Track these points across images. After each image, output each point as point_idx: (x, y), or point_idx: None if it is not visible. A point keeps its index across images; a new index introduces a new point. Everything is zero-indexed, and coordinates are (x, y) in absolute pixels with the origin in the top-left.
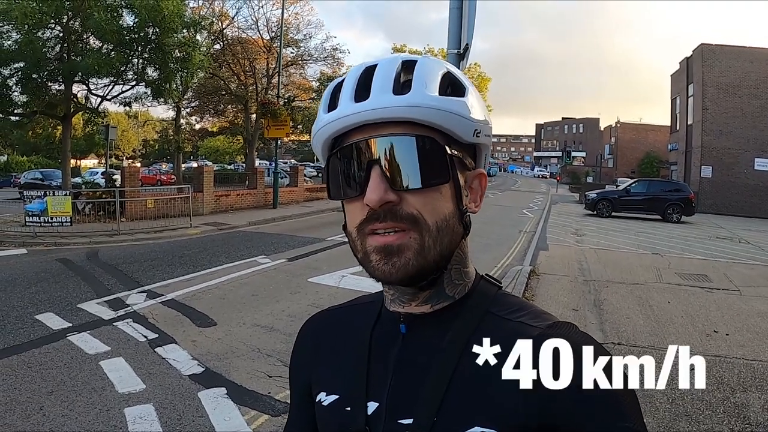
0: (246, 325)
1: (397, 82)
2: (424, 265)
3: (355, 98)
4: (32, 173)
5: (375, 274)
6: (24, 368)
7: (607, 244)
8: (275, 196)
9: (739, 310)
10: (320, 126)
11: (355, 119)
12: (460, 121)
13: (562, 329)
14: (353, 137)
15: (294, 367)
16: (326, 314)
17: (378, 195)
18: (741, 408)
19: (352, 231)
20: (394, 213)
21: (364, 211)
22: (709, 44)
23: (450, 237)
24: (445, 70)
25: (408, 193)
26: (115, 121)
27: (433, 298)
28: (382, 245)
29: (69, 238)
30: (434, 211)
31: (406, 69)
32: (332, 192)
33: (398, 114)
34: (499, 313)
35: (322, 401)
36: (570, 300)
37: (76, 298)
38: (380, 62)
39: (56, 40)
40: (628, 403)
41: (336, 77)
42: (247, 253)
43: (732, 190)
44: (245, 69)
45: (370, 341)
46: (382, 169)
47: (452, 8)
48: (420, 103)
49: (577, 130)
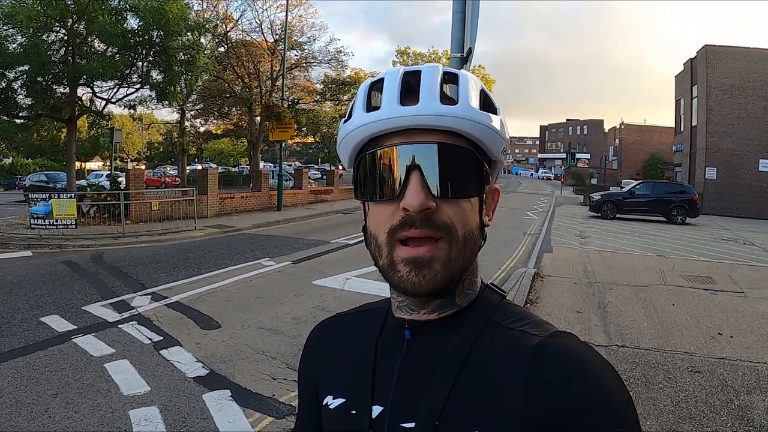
0: (250, 327)
1: (443, 92)
2: (450, 276)
3: (400, 101)
4: (37, 176)
5: (401, 285)
6: (29, 370)
7: (612, 246)
8: (279, 198)
9: (744, 313)
10: (359, 124)
11: (403, 122)
12: (495, 137)
13: (563, 338)
14: (392, 140)
15: (302, 370)
16: (334, 320)
17: (419, 200)
18: (745, 410)
19: (379, 235)
20: (431, 221)
21: (397, 216)
22: (713, 45)
23: (472, 249)
24: (481, 86)
25: (444, 201)
26: (119, 123)
27: (442, 307)
28: (412, 257)
29: (74, 240)
30: (464, 222)
31: (448, 80)
32: (362, 192)
33: (445, 123)
34: (502, 322)
35: (328, 404)
36: (574, 302)
37: (81, 301)
38: (423, 69)
39: (61, 43)
40: (625, 410)
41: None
42: (252, 255)
43: (736, 192)
44: (249, 71)
45: (376, 347)
46: (423, 175)
47: (455, 12)
48: (467, 115)
49: (582, 131)
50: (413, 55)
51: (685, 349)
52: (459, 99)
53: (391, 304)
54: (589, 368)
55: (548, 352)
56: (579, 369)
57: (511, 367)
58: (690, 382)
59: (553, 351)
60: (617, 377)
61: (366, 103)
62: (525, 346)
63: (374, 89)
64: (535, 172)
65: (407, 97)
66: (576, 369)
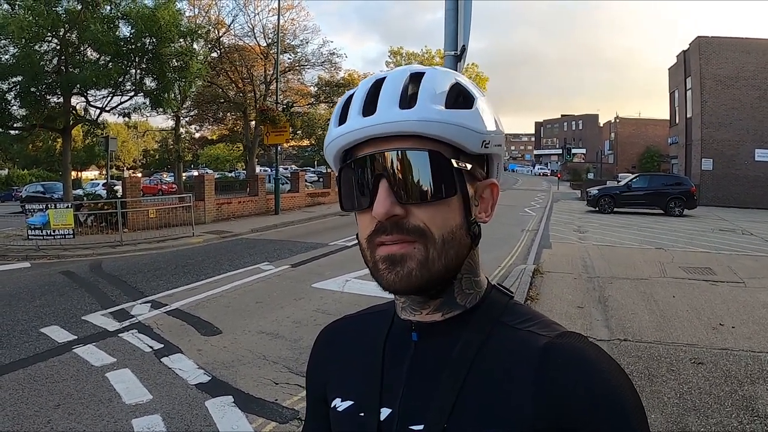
0: (251, 332)
1: (404, 96)
2: (428, 276)
3: (363, 112)
4: (33, 186)
5: (382, 283)
6: (30, 382)
7: (610, 240)
8: (277, 202)
9: (745, 303)
10: (330, 139)
11: (362, 134)
12: (466, 133)
13: (571, 338)
14: (363, 150)
15: (310, 373)
16: (342, 322)
17: (384, 208)
18: (749, 400)
19: (362, 242)
20: (401, 226)
21: (374, 223)
22: (705, 37)
23: (456, 249)
24: (454, 81)
25: (415, 206)
26: (114, 132)
27: (443, 307)
28: (386, 254)
29: (72, 250)
30: (441, 224)
31: (414, 82)
32: (344, 203)
33: (403, 128)
34: (510, 322)
35: (337, 407)
36: (575, 297)
37: (80, 311)
38: (389, 75)
39: (53, 52)
40: (634, 411)
41: (334, 82)
42: (251, 260)
43: (733, 182)
44: (243, 76)
45: (384, 349)
46: (390, 183)
47: (448, 10)
48: (425, 117)
49: (577, 126)
50: (406, 55)
51: (687, 340)
52: (417, 101)
53: (396, 305)
54: (598, 369)
55: (556, 353)
56: (587, 370)
57: (519, 368)
58: (693, 374)
59: (562, 352)
60: (626, 378)
61: (339, 117)
62: (533, 346)
63: (347, 103)
64: (533, 168)
65: (370, 107)
66: (584, 370)
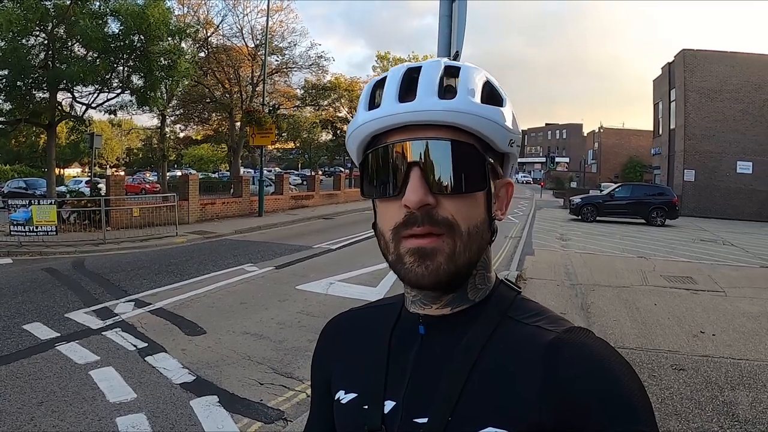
0: (235, 333)
1: (441, 87)
2: (454, 270)
3: (399, 98)
4: (16, 182)
5: (408, 277)
6: (13, 379)
7: (593, 248)
8: (260, 204)
9: (725, 311)
10: (361, 123)
11: (400, 119)
12: (499, 130)
13: (579, 334)
14: (393, 137)
15: (315, 365)
16: (348, 315)
17: (418, 196)
18: (729, 406)
19: (386, 233)
20: (432, 216)
21: (401, 213)
22: (690, 50)
23: (479, 243)
24: (486, 78)
25: (445, 197)
26: (99, 129)
27: (454, 302)
28: (416, 247)
29: (54, 247)
30: (468, 217)
31: (449, 74)
32: (367, 190)
33: (442, 118)
34: (517, 317)
35: (340, 399)
36: (557, 304)
37: (63, 308)
38: (424, 65)
39: (41, 47)
40: (642, 407)
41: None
42: (234, 261)
43: (715, 193)
44: (230, 77)
45: (390, 341)
46: (423, 171)
47: (442, 16)
48: (465, 109)
49: (561, 135)
50: (393, 60)
51: (668, 347)
52: (458, 92)
53: (405, 299)
54: (605, 364)
55: (564, 348)
56: (595, 365)
57: (526, 362)
58: (674, 380)
59: (569, 347)
60: (633, 373)
61: (369, 102)
62: (540, 341)
63: (377, 87)
64: (516, 176)
65: (407, 94)
66: (592, 365)
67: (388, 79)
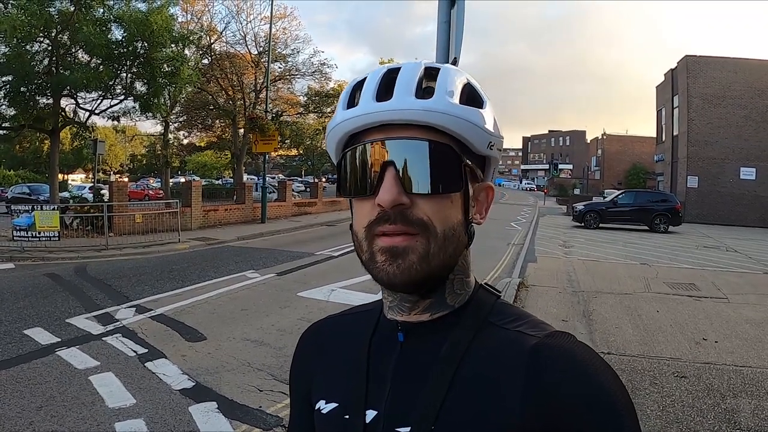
0: (236, 339)
1: (419, 87)
2: (428, 271)
3: (376, 98)
4: (19, 187)
5: (379, 276)
6: (13, 383)
7: (595, 255)
8: (263, 210)
9: (728, 318)
10: (338, 121)
11: (376, 118)
12: (477, 131)
13: (561, 338)
14: (370, 136)
15: (294, 375)
16: (326, 322)
17: (391, 196)
18: (732, 413)
19: (360, 231)
20: (405, 216)
21: (374, 212)
22: (693, 56)
23: (455, 246)
24: (466, 80)
25: (420, 197)
26: (102, 135)
27: (433, 307)
28: (388, 246)
29: (57, 252)
30: (443, 219)
31: (429, 75)
32: (343, 189)
33: (419, 117)
34: (498, 322)
35: (321, 409)
36: (559, 311)
37: (64, 313)
38: (404, 66)
39: (45, 53)
40: (625, 410)
41: (323, 92)
42: (236, 267)
43: (718, 200)
44: (233, 84)
45: (369, 349)
46: (397, 171)
47: (440, 22)
48: (441, 109)
49: (564, 142)
50: None
51: (670, 354)
52: (435, 93)
53: (383, 305)
54: (588, 368)
55: (546, 353)
56: (577, 369)
57: (508, 368)
58: (676, 387)
59: (551, 352)
60: (616, 377)
61: (348, 101)
62: (522, 347)
63: (357, 88)
64: (520, 183)
65: (385, 94)
66: (574, 370)
67: (368, 79)
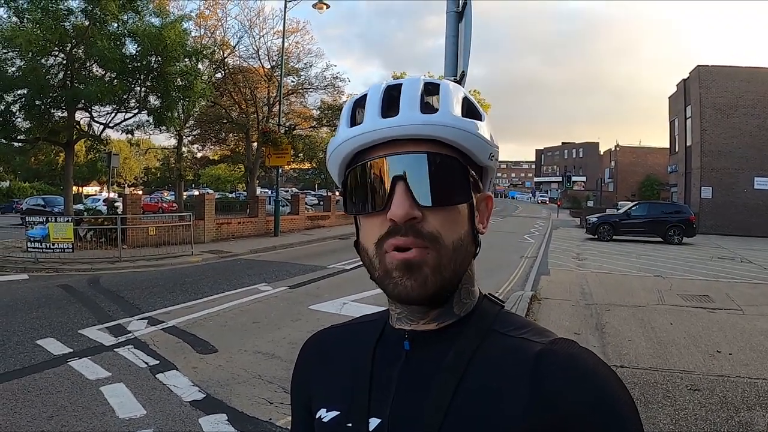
0: (247, 352)
1: (422, 102)
2: (441, 282)
3: (382, 114)
4: (34, 199)
5: (396, 291)
6: (24, 393)
7: (609, 268)
8: (276, 224)
9: (742, 330)
10: (344, 139)
11: (384, 134)
12: (480, 143)
13: (565, 345)
14: (376, 152)
15: (295, 383)
16: (328, 331)
17: (404, 210)
18: (746, 427)
19: (369, 247)
20: (417, 230)
21: (385, 226)
22: (705, 65)
23: (464, 256)
24: (464, 95)
25: (430, 210)
26: (117, 148)
27: (440, 317)
28: (402, 260)
29: (70, 264)
30: (452, 231)
31: (428, 91)
32: (351, 207)
33: (426, 132)
34: (502, 330)
35: (322, 418)
36: (572, 324)
37: (77, 324)
38: (404, 82)
39: (59, 67)
40: (629, 415)
41: (336, 106)
42: (249, 280)
43: (732, 210)
44: (246, 97)
45: (373, 357)
46: (407, 185)
47: (448, 36)
48: (448, 123)
49: (577, 154)
50: None
51: (683, 367)
52: (440, 107)
53: (389, 315)
54: (592, 374)
55: (551, 359)
56: (582, 375)
57: (513, 375)
58: (689, 400)
59: (556, 358)
60: (620, 382)
61: (350, 119)
62: (527, 353)
63: (358, 106)
64: (533, 196)
65: (389, 110)
66: (579, 375)
67: (369, 96)
